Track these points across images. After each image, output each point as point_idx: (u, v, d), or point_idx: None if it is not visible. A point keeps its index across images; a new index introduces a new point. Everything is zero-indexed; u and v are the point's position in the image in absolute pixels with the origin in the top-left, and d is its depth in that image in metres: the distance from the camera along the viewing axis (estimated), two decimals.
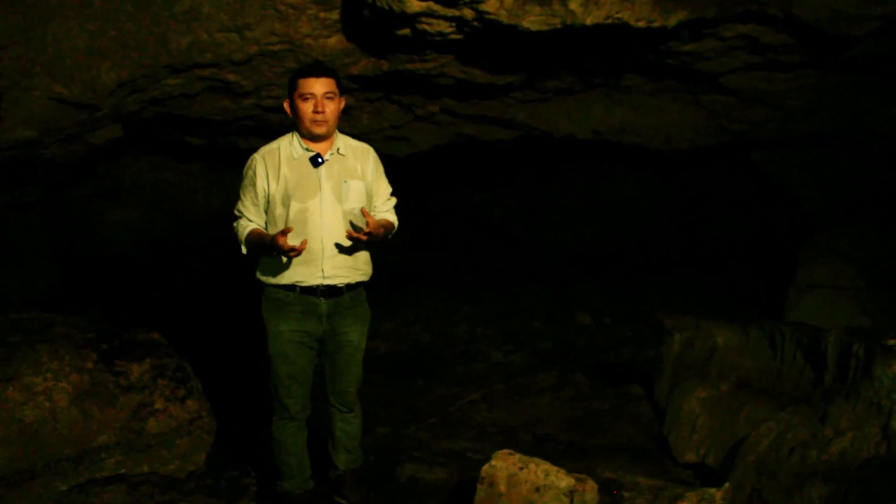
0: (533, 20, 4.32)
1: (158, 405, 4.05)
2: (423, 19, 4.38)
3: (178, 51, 4.82)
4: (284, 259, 3.43)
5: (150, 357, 4.21)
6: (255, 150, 3.62)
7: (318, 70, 3.47)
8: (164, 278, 8.68)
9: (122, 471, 3.87)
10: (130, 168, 8.37)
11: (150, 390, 4.07)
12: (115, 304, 7.47)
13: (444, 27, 4.49)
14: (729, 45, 5.22)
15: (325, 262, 3.50)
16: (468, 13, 4.28)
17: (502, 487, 3.37)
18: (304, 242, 3.33)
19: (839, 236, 7.40)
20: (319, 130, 3.45)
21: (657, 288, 9.36)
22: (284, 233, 3.28)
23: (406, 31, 4.57)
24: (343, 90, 3.59)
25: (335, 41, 5.00)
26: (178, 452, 4.06)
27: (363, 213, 3.45)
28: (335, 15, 4.76)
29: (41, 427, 3.74)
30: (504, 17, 4.27)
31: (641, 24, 4.46)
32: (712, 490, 3.72)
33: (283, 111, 3.57)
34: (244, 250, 3.61)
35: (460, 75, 5.60)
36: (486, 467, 3.45)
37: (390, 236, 3.74)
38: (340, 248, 3.51)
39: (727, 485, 3.75)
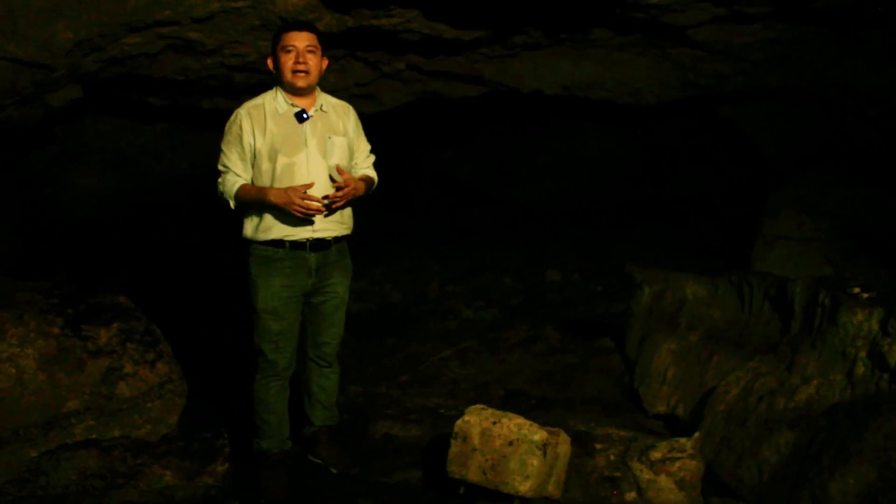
0: None
1: (128, 369, 4.01)
2: None
3: (136, 8, 4.68)
4: (274, 214, 3.48)
5: (117, 321, 4.15)
6: (219, 110, 3.60)
7: (300, 25, 3.58)
8: (130, 241, 8.57)
9: (93, 436, 3.83)
10: (91, 131, 8.17)
11: (118, 354, 4.02)
12: (80, 269, 7.37)
13: None
14: None
15: (316, 216, 3.51)
16: None
17: (476, 442, 3.39)
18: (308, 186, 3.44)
19: (803, 188, 7.47)
20: (301, 83, 3.49)
21: (626, 242, 9.40)
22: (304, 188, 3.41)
23: None
24: (324, 50, 3.58)
25: None
26: (149, 416, 4.03)
27: (338, 169, 3.51)
28: None
29: (8, 394, 3.69)
30: None
31: None
32: (683, 440, 3.79)
33: (248, 70, 3.61)
34: (232, 205, 3.60)
35: (426, 31, 5.52)
36: (459, 423, 3.47)
37: (371, 192, 3.77)
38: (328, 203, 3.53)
39: (697, 434, 3.82)
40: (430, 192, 12.12)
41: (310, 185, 3.43)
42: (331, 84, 6.45)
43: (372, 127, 3.89)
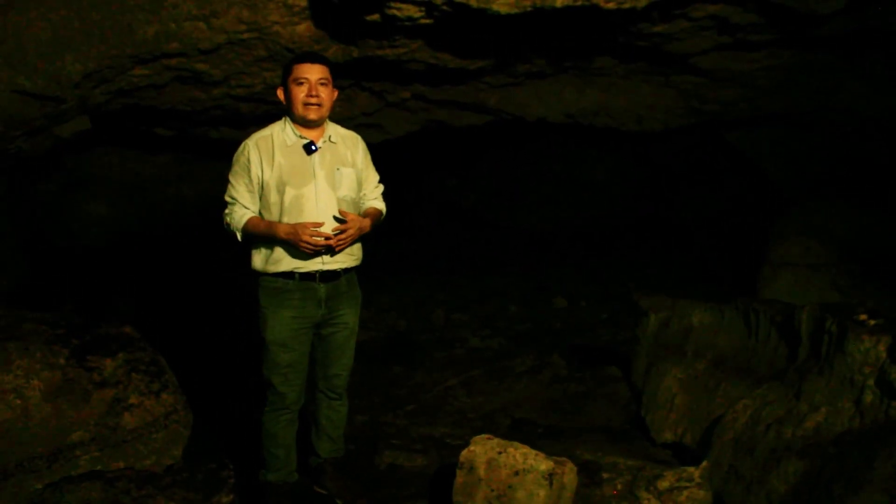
0: (503, 3, 4.29)
1: (133, 400, 4.00)
2: (393, 4, 4.35)
3: (144, 40, 4.74)
4: (284, 247, 3.46)
5: (123, 351, 4.15)
6: (226, 140, 3.59)
7: (313, 57, 3.54)
8: (137, 271, 8.60)
9: (98, 467, 3.82)
10: (100, 161, 8.25)
11: (124, 385, 4.02)
12: (86, 298, 7.38)
13: (414, 12, 4.45)
14: (699, 26, 5.23)
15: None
16: None
17: (482, 472, 3.37)
18: (318, 224, 3.41)
19: (810, 212, 7.47)
20: (312, 115, 3.47)
21: (632, 268, 9.41)
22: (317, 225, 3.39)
23: (375, 16, 4.53)
24: (334, 81, 3.59)
25: (304, 28, 4.94)
26: (154, 447, 4.02)
27: (341, 212, 3.49)
28: (303, 1, 4.70)
29: (13, 425, 3.68)
30: (473, 1, 4.24)
31: (611, 5, 4.44)
32: (690, 469, 3.76)
33: (255, 100, 3.58)
34: (240, 237, 3.58)
35: (431, 60, 5.56)
36: (465, 453, 3.45)
37: (380, 223, 3.76)
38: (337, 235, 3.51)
39: (705, 463, 3.79)
40: (435, 220, 12.15)
41: (320, 225, 3.41)
42: (336, 114, 6.47)
43: (377, 155, 3.89)
